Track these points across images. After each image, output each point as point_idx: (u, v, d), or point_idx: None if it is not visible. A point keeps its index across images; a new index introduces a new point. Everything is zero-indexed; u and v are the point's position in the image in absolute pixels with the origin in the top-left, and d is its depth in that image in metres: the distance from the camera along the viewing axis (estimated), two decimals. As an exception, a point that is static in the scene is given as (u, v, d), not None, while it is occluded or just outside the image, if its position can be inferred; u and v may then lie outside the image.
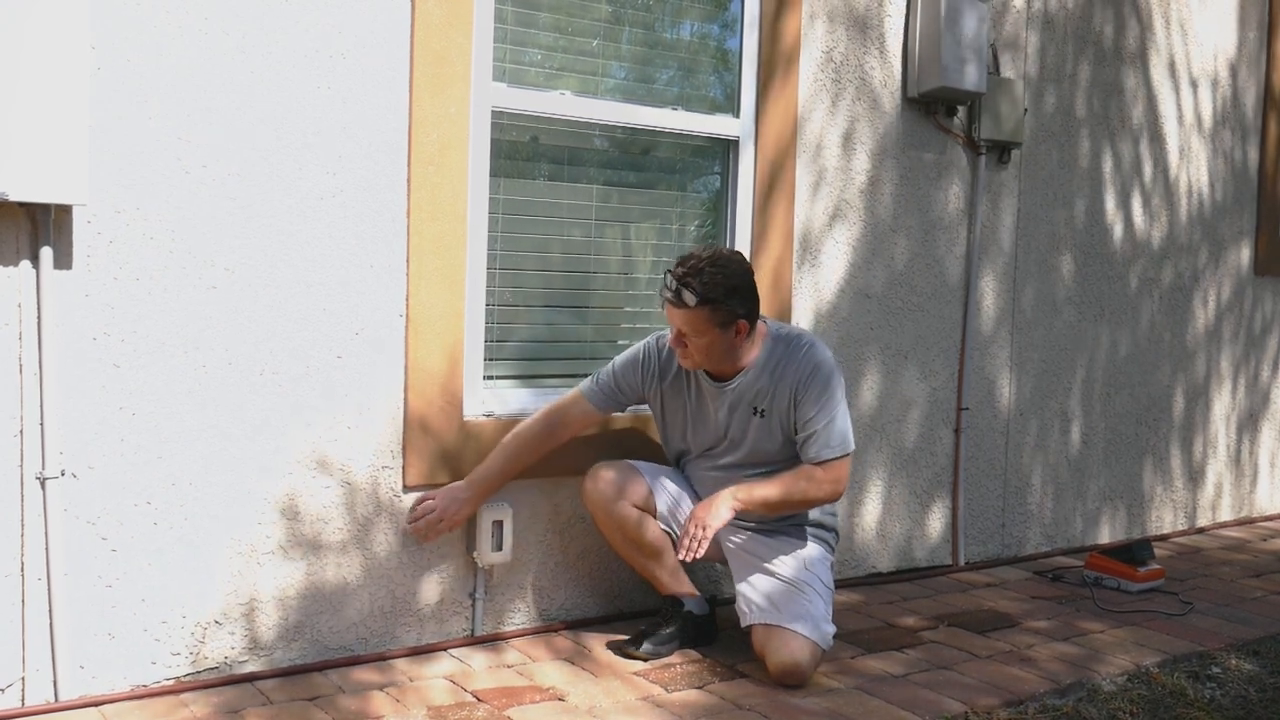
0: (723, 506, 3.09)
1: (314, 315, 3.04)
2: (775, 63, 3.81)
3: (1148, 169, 4.94)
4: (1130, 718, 2.98)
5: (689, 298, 3.04)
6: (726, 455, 3.29)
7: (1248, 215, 5.40)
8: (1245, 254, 5.41)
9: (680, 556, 3.09)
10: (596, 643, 3.37)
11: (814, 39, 3.91)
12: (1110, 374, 4.89)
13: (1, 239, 2.64)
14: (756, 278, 3.29)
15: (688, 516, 3.14)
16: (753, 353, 3.21)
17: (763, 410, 3.20)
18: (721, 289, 3.05)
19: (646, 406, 3.51)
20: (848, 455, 3.19)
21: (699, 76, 3.81)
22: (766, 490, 3.15)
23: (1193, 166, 5.13)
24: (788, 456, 3.23)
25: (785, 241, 3.86)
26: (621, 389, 3.33)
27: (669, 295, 3.07)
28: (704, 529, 3.05)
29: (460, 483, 3.22)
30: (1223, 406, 5.40)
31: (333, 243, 3.06)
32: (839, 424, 3.16)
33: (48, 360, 2.68)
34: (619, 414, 3.54)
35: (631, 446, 3.55)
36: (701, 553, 3.05)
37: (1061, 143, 4.63)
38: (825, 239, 3.98)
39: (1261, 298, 5.51)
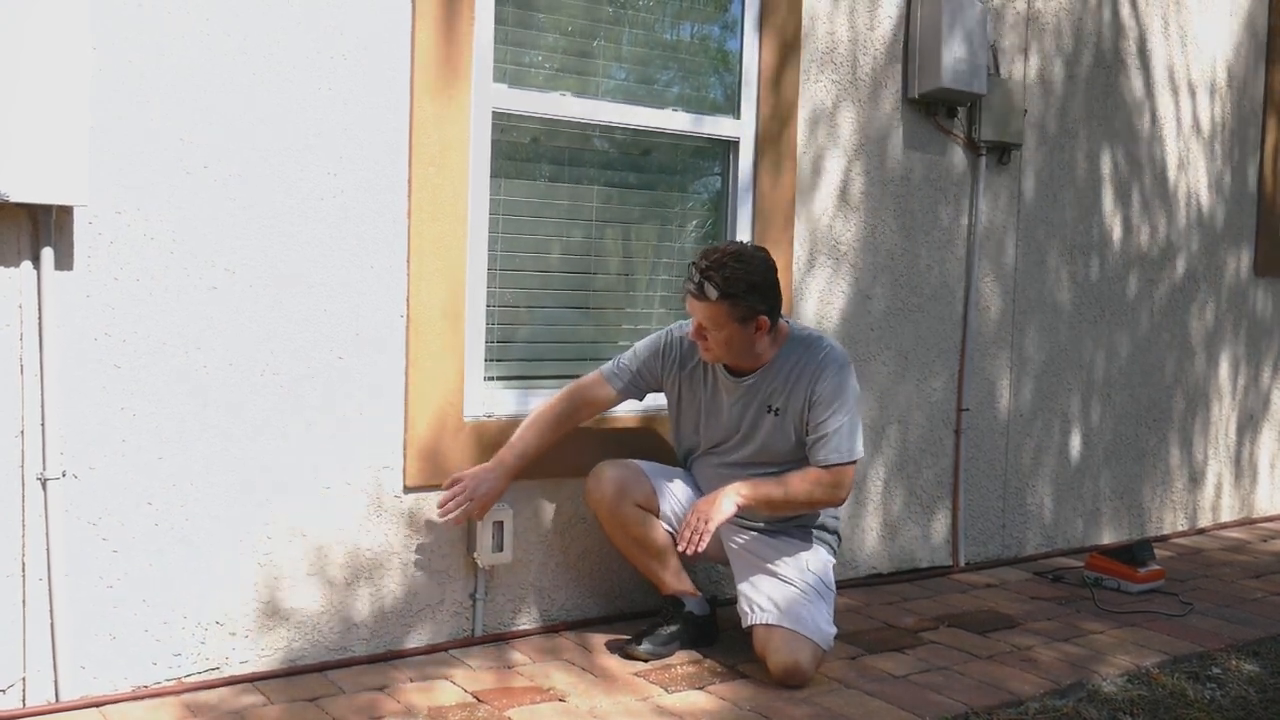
0: (725, 501, 3.09)
1: (315, 316, 3.05)
2: (775, 63, 3.81)
3: (1147, 170, 4.94)
4: (1130, 718, 2.99)
5: (710, 291, 3.04)
6: (736, 451, 3.29)
7: (1247, 216, 5.41)
8: (1245, 255, 5.41)
9: (680, 549, 3.08)
10: (597, 643, 3.37)
11: (814, 41, 3.91)
12: (1110, 375, 4.89)
13: (2, 240, 2.64)
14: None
15: (690, 509, 3.14)
16: (772, 351, 3.21)
17: (777, 409, 3.21)
18: (743, 284, 3.05)
19: (651, 408, 3.52)
20: (854, 462, 3.19)
21: (699, 77, 3.81)
22: (770, 489, 3.15)
23: (1192, 168, 5.13)
24: (797, 458, 3.23)
25: (785, 242, 3.86)
26: (641, 374, 3.34)
27: (691, 288, 3.08)
28: (706, 522, 3.06)
29: (488, 463, 3.22)
30: (1223, 407, 5.40)
31: (334, 243, 3.06)
32: (848, 430, 3.16)
33: (49, 361, 2.68)
34: (621, 413, 3.54)
35: (636, 447, 3.55)
36: (702, 547, 3.05)
37: (1061, 144, 4.63)
38: (825, 239, 3.98)
39: (1261, 299, 5.51)
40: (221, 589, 2.96)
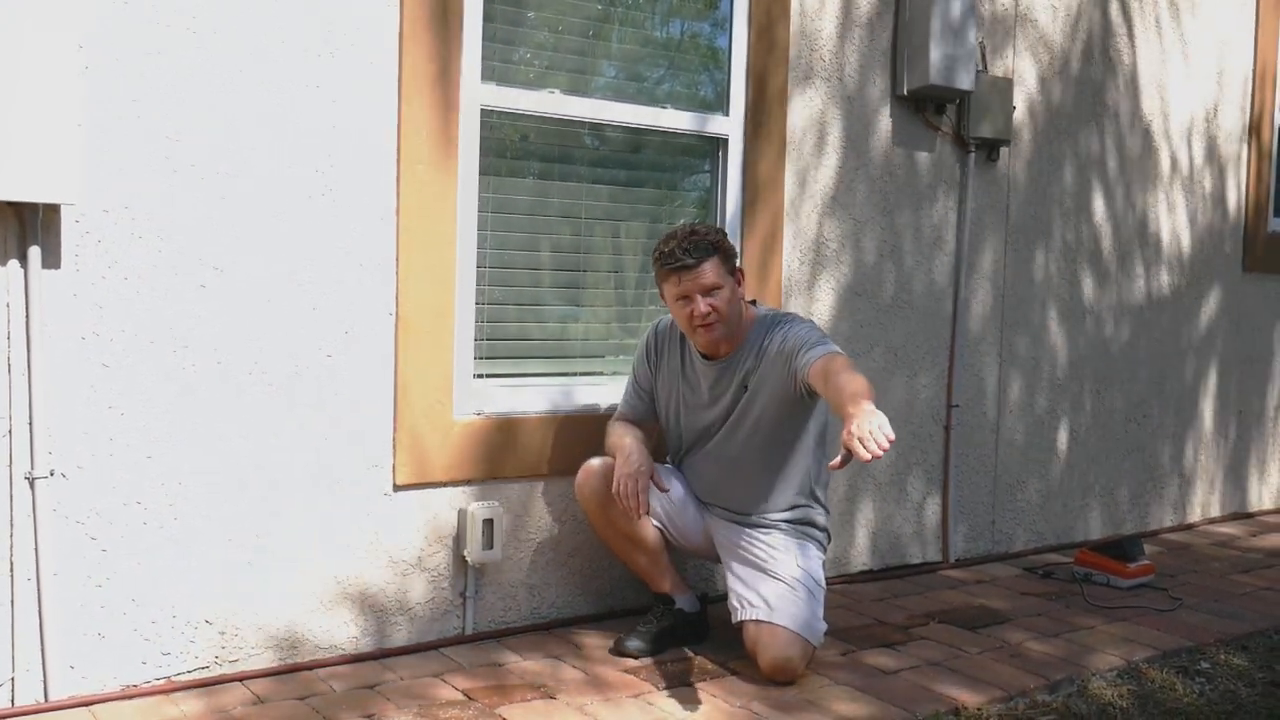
0: (875, 410, 2.63)
1: (304, 314, 3.04)
2: (765, 61, 3.81)
3: (1136, 167, 4.95)
4: (1120, 713, 2.99)
5: (705, 249, 3.13)
6: (724, 440, 3.29)
7: (1236, 212, 5.42)
8: (1234, 251, 5.43)
9: (866, 458, 2.50)
10: (588, 641, 3.37)
11: (804, 37, 3.91)
12: (1100, 371, 4.90)
13: (-11, 238, 2.64)
14: (746, 274, 3.42)
15: (854, 428, 2.56)
16: (742, 332, 3.24)
17: (750, 384, 3.21)
18: (719, 235, 3.21)
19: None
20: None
21: (689, 75, 3.82)
22: (860, 384, 2.77)
23: (1181, 162, 5.15)
24: (786, 439, 3.24)
25: (775, 239, 3.86)
26: (643, 388, 3.40)
27: (688, 262, 3.11)
28: (881, 426, 2.55)
29: (607, 457, 3.25)
30: (1211, 403, 5.42)
31: (322, 241, 3.05)
32: (828, 341, 3.11)
33: (36, 360, 2.68)
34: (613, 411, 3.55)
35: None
36: (885, 446, 2.52)
37: (1050, 141, 4.64)
38: (815, 236, 3.98)
39: (1249, 294, 5.53)
40: (210, 588, 2.96)
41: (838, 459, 2.59)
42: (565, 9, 3.52)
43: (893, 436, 2.53)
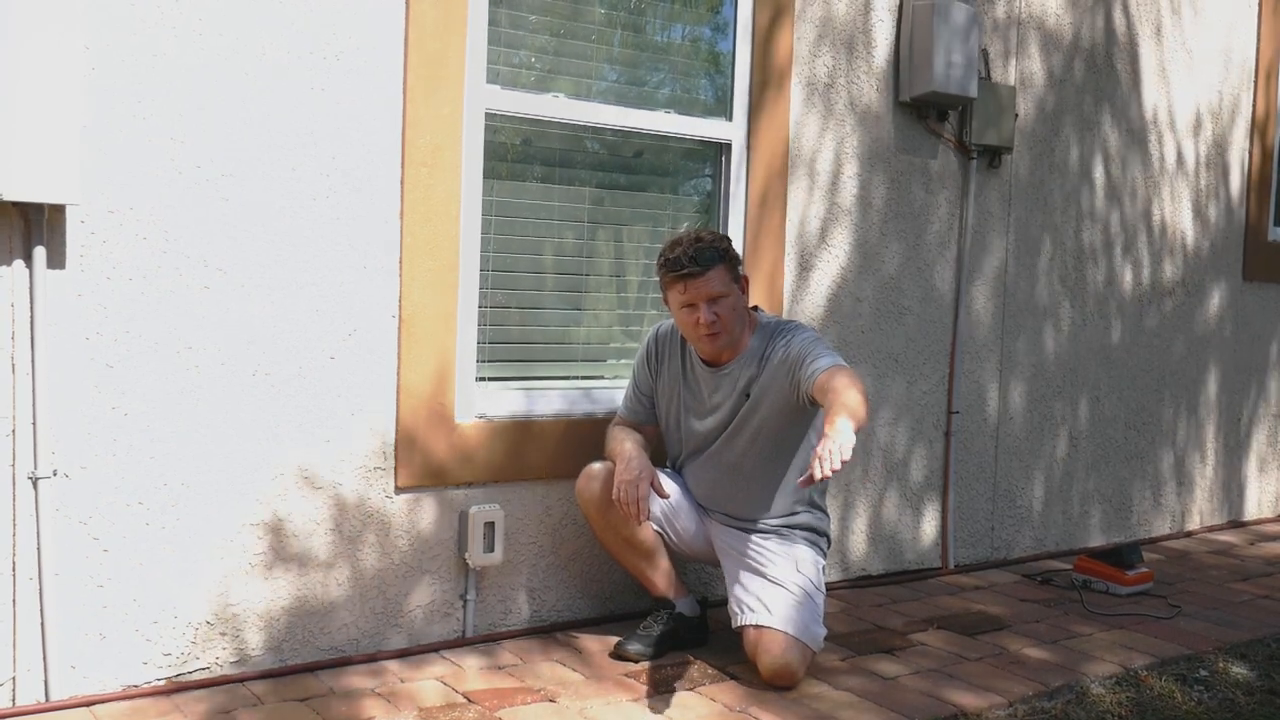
0: (847, 430, 2.66)
1: (307, 316, 3.05)
2: (768, 66, 3.82)
3: (1138, 175, 4.96)
4: (1119, 720, 3.00)
5: (712, 256, 3.12)
6: (724, 446, 3.29)
7: (1236, 221, 5.43)
8: (1233, 260, 5.43)
9: (818, 478, 2.57)
10: (588, 644, 3.38)
11: (806, 43, 3.92)
12: (1099, 378, 4.91)
13: (-6, 238, 2.65)
14: (749, 278, 3.39)
15: (820, 447, 2.61)
16: (746, 339, 3.24)
17: (753, 392, 3.21)
18: (724, 243, 3.20)
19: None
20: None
21: (692, 80, 3.82)
22: (848, 401, 2.80)
23: (1183, 170, 5.15)
24: (786, 446, 3.24)
25: (778, 244, 3.87)
26: (644, 394, 3.41)
27: (694, 269, 3.11)
28: (843, 446, 2.59)
29: (607, 462, 3.27)
30: (1210, 411, 5.43)
31: (326, 244, 3.06)
32: (832, 351, 3.11)
33: (40, 360, 2.68)
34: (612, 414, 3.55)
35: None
36: (837, 466, 2.57)
37: (1053, 147, 4.65)
38: (817, 242, 3.99)
39: (1249, 303, 5.54)
40: (212, 589, 2.96)
41: (804, 476, 2.63)
42: (569, 13, 3.52)
43: (847, 457, 2.57)
